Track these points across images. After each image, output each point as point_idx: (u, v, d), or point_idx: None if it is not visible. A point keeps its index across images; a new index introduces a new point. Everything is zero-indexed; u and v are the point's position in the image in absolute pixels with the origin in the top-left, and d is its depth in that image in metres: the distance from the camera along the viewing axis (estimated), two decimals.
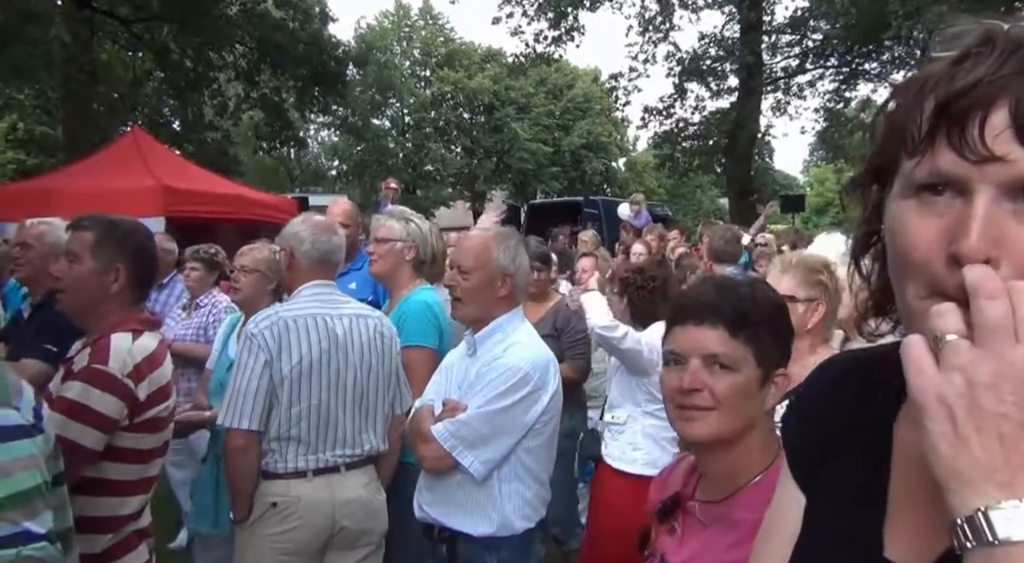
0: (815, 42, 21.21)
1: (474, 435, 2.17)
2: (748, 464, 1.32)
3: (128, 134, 11.10)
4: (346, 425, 2.53)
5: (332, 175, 40.79)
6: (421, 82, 41.26)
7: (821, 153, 31.34)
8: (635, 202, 11.03)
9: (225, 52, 19.48)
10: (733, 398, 1.29)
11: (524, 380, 2.19)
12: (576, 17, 20.89)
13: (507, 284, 2.32)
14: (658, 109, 22.50)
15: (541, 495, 2.31)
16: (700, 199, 50.78)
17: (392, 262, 3.11)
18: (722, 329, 1.31)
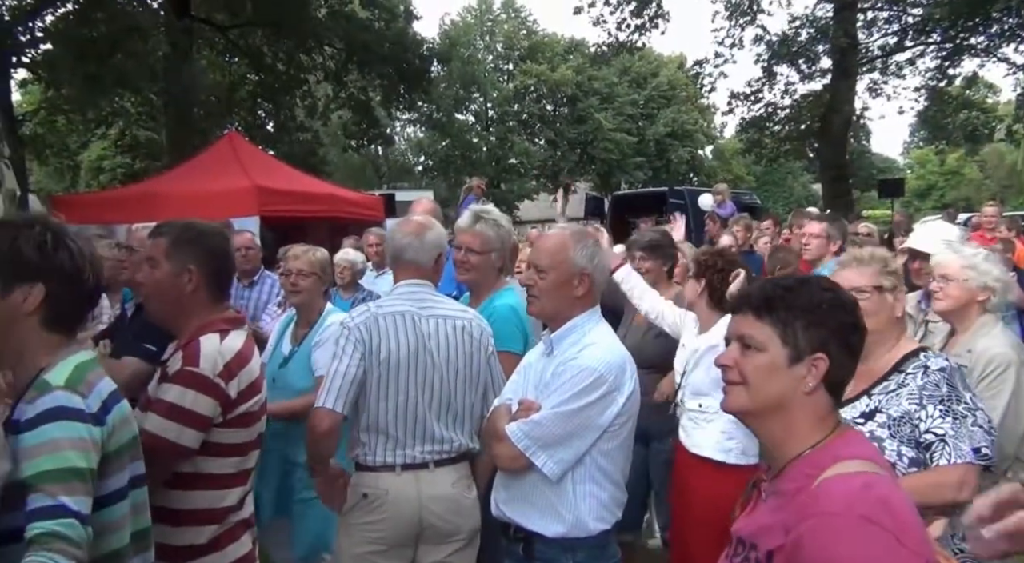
0: (915, 17, 20.14)
1: (548, 435, 2.16)
2: (794, 441, 1.42)
3: (224, 138, 11.58)
4: (433, 423, 2.55)
5: (418, 171, 41.52)
6: (504, 76, 41.48)
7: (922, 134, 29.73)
8: (718, 192, 10.72)
9: (315, 54, 20.08)
10: (758, 374, 1.43)
11: (599, 381, 2.16)
12: (660, 4, 20.51)
13: (584, 283, 2.29)
14: (745, 94, 21.90)
15: (616, 497, 2.28)
16: (791, 186, 49.15)
17: (484, 271, 3.11)
18: (749, 314, 1.47)
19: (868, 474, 1.32)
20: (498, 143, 39.36)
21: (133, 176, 24.47)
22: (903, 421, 2.16)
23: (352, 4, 20.48)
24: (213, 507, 2.19)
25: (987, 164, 48.01)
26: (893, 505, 1.26)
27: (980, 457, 2.09)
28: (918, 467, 2.12)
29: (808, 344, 1.41)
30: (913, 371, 2.22)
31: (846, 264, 2.48)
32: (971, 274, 2.82)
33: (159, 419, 2.06)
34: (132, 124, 20.84)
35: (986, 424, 2.16)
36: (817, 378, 1.41)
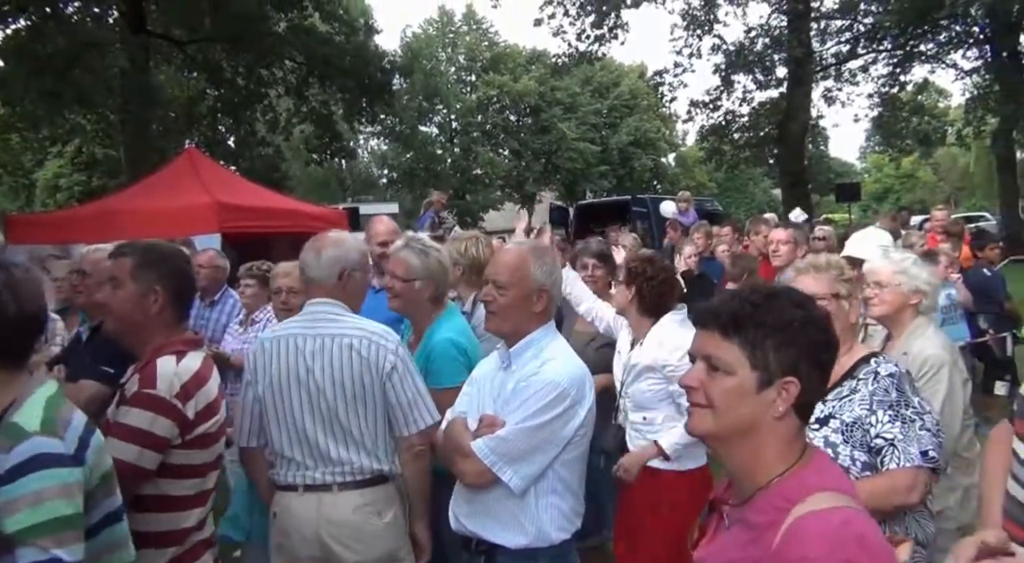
0: (866, 26, 20.68)
1: (514, 451, 2.17)
2: (762, 467, 1.35)
3: (183, 154, 11.43)
4: (328, 445, 2.49)
5: (383, 184, 41.38)
6: (467, 87, 41.58)
7: (877, 139, 30.44)
8: (681, 200, 10.84)
9: (275, 68, 19.97)
10: (725, 399, 1.35)
11: (562, 395, 2.18)
12: (619, 15, 20.81)
13: (543, 299, 2.32)
14: (704, 102, 22.27)
15: (576, 507, 2.31)
16: (753, 192, 49.92)
17: (410, 300, 3.04)
18: (716, 332, 1.37)
19: (843, 509, 1.28)
20: (462, 154, 39.43)
21: (90, 194, 24.06)
22: (855, 426, 2.20)
23: (312, 18, 20.41)
24: (173, 529, 2.19)
25: (940, 167, 49.26)
26: (870, 543, 1.25)
27: (928, 460, 2.15)
28: (870, 471, 2.17)
29: (779, 366, 1.33)
30: (864, 377, 2.27)
31: (803, 271, 2.51)
32: (902, 279, 2.91)
33: (119, 442, 2.06)
34: (89, 141, 20.52)
35: (933, 427, 2.22)
36: (787, 402, 1.34)
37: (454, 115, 40.67)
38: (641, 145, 41.29)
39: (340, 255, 2.66)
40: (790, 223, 6.11)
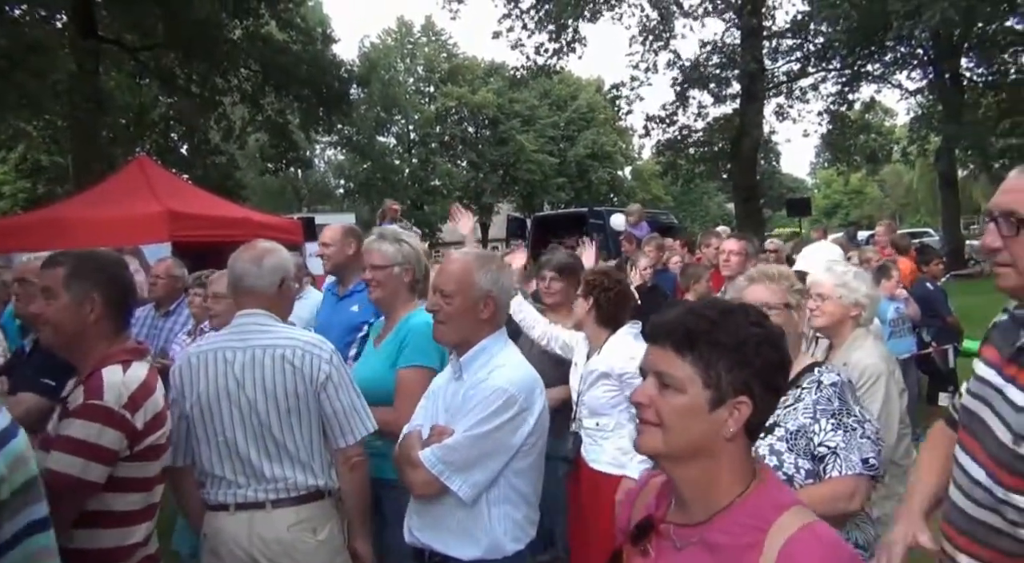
0: (816, 45, 21.25)
1: (462, 459, 2.16)
2: (718, 488, 1.32)
3: (134, 162, 11.21)
4: (261, 462, 2.40)
5: (339, 194, 41.05)
6: (425, 98, 41.58)
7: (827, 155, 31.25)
8: (630, 213, 10.89)
9: (230, 76, 19.71)
10: (676, 418, 1.30)
11: (510, 402, 2.18)
12: (576, 29, 21.04)
13: (490, 306, 2.31)
14: (660, 117, 22.61)
15: (530, 516, 2.31)
16: (707, 205, 50.78)
17: (392, 288, 3.06)
18: (669, 348, 1.33)
19: (821, 525, 1.28)
20: (420, 165, 39.36)
21: (36, 202, 23.38)
22: (799, 434, 2.23)
23: (269, 26, 20.22)
24: (120, 545, 2.13)
25: (887, 184, 50.71)
26: (855, 557, 1.27)
27: (868, 468, 2.19)
28: (813, 479, 2.20)
29: (731, 386, 1.30)
30: (808, 386, 2.30)
31: (757, 280, 2.53)
32: (843, 292, 3.00)
33: (62, 455, 1.99)
34: (35, 147, 19.98)
35: (873, 435, 2.26)
36: (739, 423, 1.30)
37: (412, 126, 40.61)
38: (598, 158, 41.74)
39: (280, 263, 2.60)
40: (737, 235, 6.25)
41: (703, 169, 24.00)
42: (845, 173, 37.54)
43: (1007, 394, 1.58)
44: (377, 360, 3.00)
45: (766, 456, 2.21)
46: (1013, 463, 1.53)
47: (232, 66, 19.28)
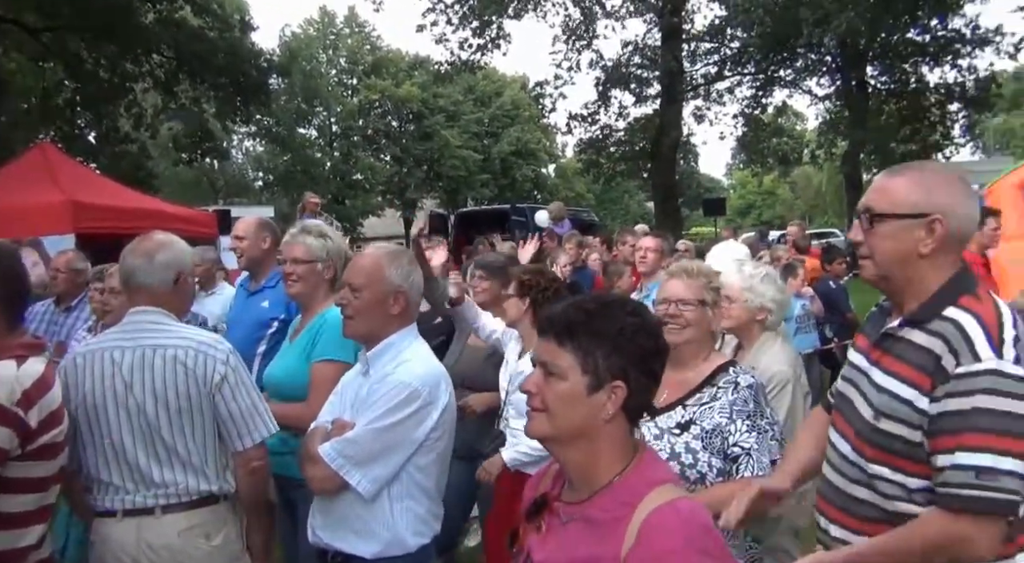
0: (732, 50, 21.91)
1: (362, 453, 2.14)
2: (599, 468, 1.42)
3: (35, 148, 10.67)
4: (150, 466, 2.31)
5: (258, 186, 39.97)
6: (348, 90, 40.91)
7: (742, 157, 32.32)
8: (552, 210, 11.01)
9: (141, 61, 18.93)
10: (558, 402, 1.41)
11: (413, 396, 2.17)
12: (501, 26, 21.09)
13: (400, 301, 2.30)
14: (583, 116, 22.88)
15: (433, 510, 2.31)
16: (628, 204, 51.71)
17: (312, 283, 3.00)
18: (552, 340, 1.43)
19: (684, 500, 1.38)
20: (342, 158, 38.71)
21: None
22: (714, 433, 2.28)
23: (183, 11, 19.51)
24: (11, 547, 2.03)
25: (797, 185, 52.75)
26: (713, 529, 1.37)
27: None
28: (724, 477, 2.27)
29: (608, 372, 1.39)
30: (724, 386, 2.36)
31: (676, 274, 2.57)
32: (749, 296, 3.04)
33: None
34: None
35: (780, 438, 2.38)
36: (616, 406, 1.39)
37: (334, 118, 39.91)
38: (522, 155, 41.96)
39: (174, 258, 2.49)
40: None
41: (624, 168, 24.40)
42: (759, 175, 38.96)
43: (872, 376, 1.72)
44: (292, 354, 2.96)
45: (682, 453, 2.28)
46: (873, 437, 1.67)
47: (144, 51, 18.51)
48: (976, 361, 1.54)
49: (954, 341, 1.57)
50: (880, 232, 1.72)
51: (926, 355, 1.60)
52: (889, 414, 1.64)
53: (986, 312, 1.60)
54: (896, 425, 1.63)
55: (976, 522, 1.51)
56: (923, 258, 1.67)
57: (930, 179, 1.70)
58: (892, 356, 1.69)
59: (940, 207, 1.65)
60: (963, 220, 1.67)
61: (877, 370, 1.72)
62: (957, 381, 1.54)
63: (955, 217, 1.66)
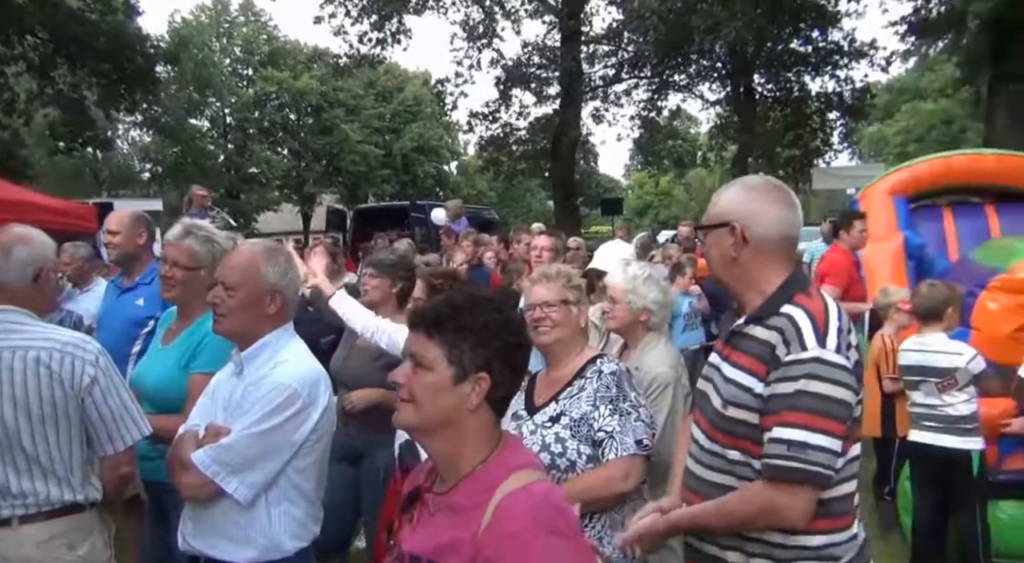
0: (629, 53, 22.42)
1: (239, 459, 2.08)
2: (463, 456, 1.48)
3: None
4: (6, 475, 2.18)
5: (145, 178, 38.02)
6: (243, 81, 39.49)
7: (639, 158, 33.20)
8: (449, 208, 11.03)
9: (13, 43, 17.67)
10: (425, 393, 1.47)
11: (292, 398, 2.12)
12: (401, 20, 20.85)
13: (276, 300, 2.26)
14: (484, 114, 22.92)
15: (313, 513, 2.27)
16: (530, 202, 52.19)
17: (193, 290, 2.83)
18: (421, 332, 1.50)
19: (539, 483, 1.44)
20: (236, 151, 37.34)
21: None
22: (582, 422, 2.37)
23: None
24: None
25: (691, 187, 54.65)
26: (564, 509, 1.42)
27: (642, 448, 2.37)
28: (594, 463, 2.34)
29: (473, 363, 1.47)
30: (590, 376, 2.46)
31: (536, 281, 2.66)
32: (632, 297, 3.11)
33: None
34: None
35: (647, 419, 2.45)
36: (480, 396, 1.46)
37: (228, 109, 38.46)
38: (424, 152, 41.67)
39: (33, 253, 2.36)
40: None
41: (524, 166, 24.59)
42: (655, 176, 40.12)
43: (722, 370, 1.86)
44: (168, 360, 2.80)
45: (552, 443, 2.34)
46: (723, 424, 1.81)
47: (16, 32, 17.30)
48: (803, 350, 1.69)
49: (787, 333, 1.72)
50: (707, 242, 1.94)
51: (765, 347, 1.75)
52: (735, 402, 1.78)
53: (815, 307, 1.76)
54: (740, 411, 1.77)
55: (788, 491, 1.67)
56: (737, 261, 1.85)
57: (736, 192, 1.90)
58: (739, 351, 1.83)
59: (739, 215, 1.83)
60: (767, 225, 1.83)
61: (727, 364, 1.85)
62: (786, 367, 1.70)
63: (757, 223, 1.83)
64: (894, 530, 4.58)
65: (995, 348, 4.45)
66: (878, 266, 6.34)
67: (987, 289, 4.85)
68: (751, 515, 1.73)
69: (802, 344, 1.70)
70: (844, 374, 1.68)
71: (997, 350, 4.42)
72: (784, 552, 1.74)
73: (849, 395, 1.69)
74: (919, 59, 29.27)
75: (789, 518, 1.68)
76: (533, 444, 2.33)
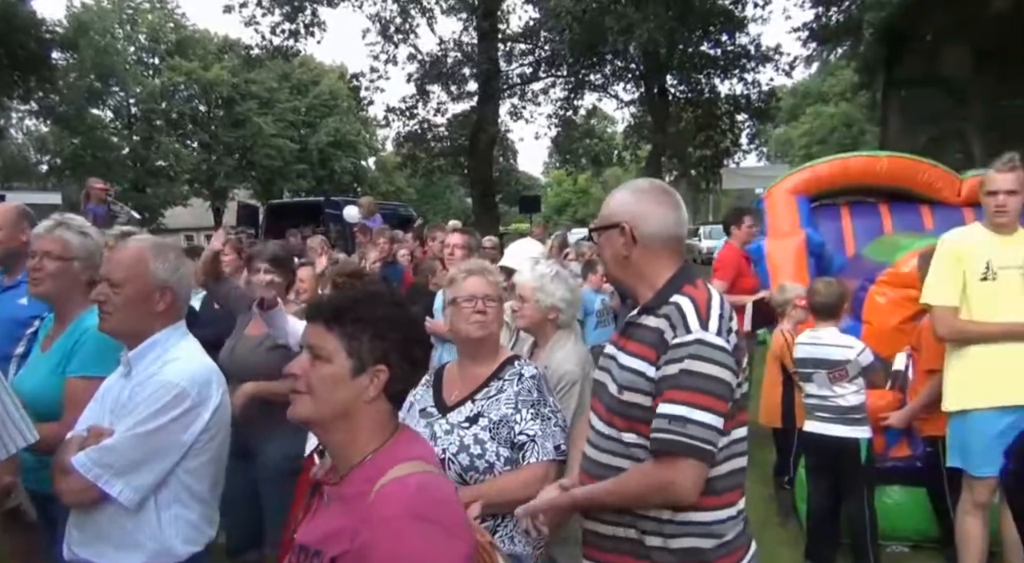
0: (546, 52, 22.61)
1: (123, 460, 2.00)
2: (357, 447, 1.50)
3: None
4: None
5: (42, 170, 36.02)
6: (149, 70, 37.88)
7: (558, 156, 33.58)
8: (362, 205, 10.91)
9: None
10: (323, 385, 1.48)
11: (181, 397, 2.06)
12: (315, 12, 20.43)
13: (166, 297, 2.18)
14: (401, 110, 22.73)
15: (207, 515, 2.20)
16: (450, 199, 52.06)
17: (66, 284, 2.69)
18: (320, 324, 1.51)
19: (421, 474, 1.45)
20: (142, 143, 35.82)
21: None
22: (502, 424, 2.37)
23: None
24: None
25: (609, 185, 55.57)
26: (440, 500, 1.43)
27: (560, 453, 2.41)
28: (512, 465, 2.35)
29: (371, 356, 1.48)
30: (510, 378, 2.46)
31: (475, 273, 2.61)
32: (540, 296, 3.10)
33: None
34: None
35: (563, 424, 2.49)
36: (378, 388, 1.49)
37: (133, 99, 36.83)
38: (341, 147, 40.97)
39: None
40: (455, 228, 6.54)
41: (443, 163, 24.54)
42: (573, 174, 40.63)
43: (618, 359, 1.93)
44: (44, 367, 2.64)
45: (471, 445, 2.33)
46: (619, 408, 1.89)
47: None
48: (687, 332, 1.79)
49: (674, 319, 1.82)
50: (600, 242, 2.03)
51: (655, 334, 1.84)
52: (629, 387, 1.86)
53: (700, 295, 1.86)
54: (635, 395, 1.85)
55: (674, 465, 1.74)
56: (628, 259, 1.94)
57: (625, 195, 2.01)
58: (633, 340, 1.90)
59: (629, 216, 1.93)
60: (654, 225, 1.93)
61: (622, 353, 1.92)
62: (673, 350, 1.79)
63: (645, 223, 1.92)
64: (791, 517, 4.78)
65: (884, 340, 4.71)
66: (781, 262, 6.62)
67: (875, 283, 5.13)
68: (645, 491, 1.80)
69: (686, 327, 1.79)
70: (724, 355, 1.78)
71: (885, 342, 4.68)
72: (674, 528, 1.82)
73: (728, 375, 1.78)
74: (821, 64, 30.59)
75: (678, 493, 1.75)
76: (450, 444, 2.33)
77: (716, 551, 1.83)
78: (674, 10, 17.21)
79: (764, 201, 7.47)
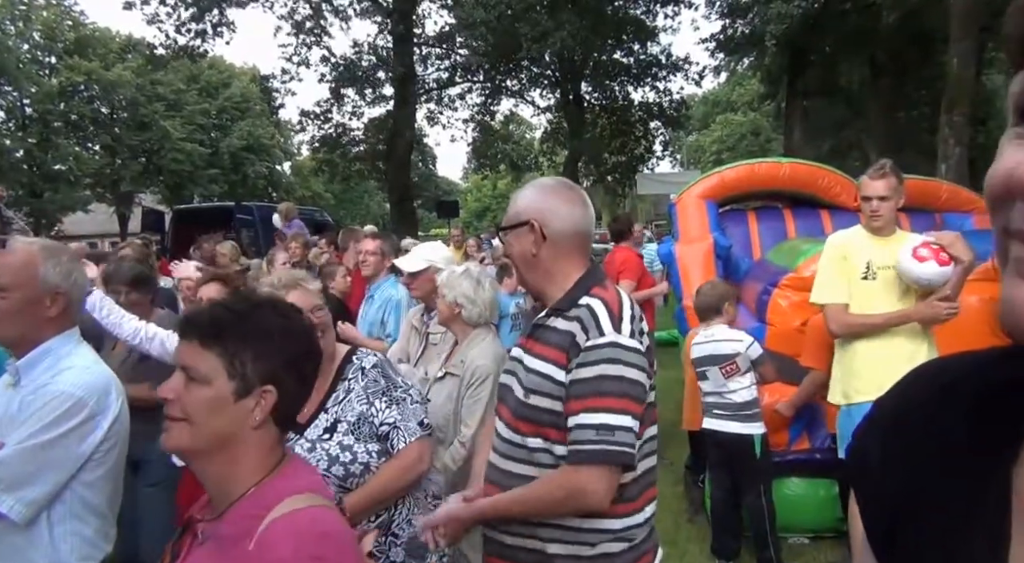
0: (462, 57, 22.65)
1: (12, 475, 1.90)
2: (239, 479, 1.34)
3: None
4: None
5: None
6: (45, 70, 35.98)
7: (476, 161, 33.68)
8: (280, 211, 10.76)
9: None
10: (201, 410, 1.31)
11: (78, 406, 1.98)
12: (223, 12, 19.84)
13: (58, 303, 2.08)
14: (315, 113, 22.33)
15: (103, 530, 2.11)
16: (368, 204, 51.42)
17: None
18: (196, 342, 1.34)
19: (312, 508, 1.30)
20: (38, 146, 33.98)
21: None
22: (361, 422, 2.29)
23: None
24: None
25: None
26: (335, 537, 1.30)
27: (425, 428, 2.38)
28: (385, 457, 2.30)
29: (257, 376, 1.33)
30: (353, 375, 2.36)
31: (291, 287, 2.51)
32: (445, 291, 3.20)
33: None
34: None
35: (420, 399, 2.44)
36: (266, 411, 1.34)
37: (28, 100, 34.92)
38: (255, 151, 39.84)
39: None
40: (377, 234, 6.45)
41: (360, 168, 24.23)
42: (491, 178, 40.80)
43: (524, 362, 1.90)
44: None
45: (339, 454, 2.24)
46: (524, 412, 1.85)
47: None
48: (601, 335, 1.76)
49: (586, 322, 1.80)
50: (508, 241, 1.99)
51: (565, 336, 1.81)
52: (536, 390, 1.82)
53: (611, 297, 1.85)
54: (542, 399, 1.81)
55: (592, 473, 1.72)
56: (537, 257, 1.91)
57: (532, 192, 1.97)
58: (540, 343, 1.88)
59: (537, 213, 1.91)
60: (562, 221, 1.92)
61: (529, 356, 1.89)
62: (586, 353, 1.76)
63: (553, 219, 1.91)
64: (701, 514, 4.91)
65: (787, 341, 4.89)
66: (691, 266, 6.79)
67: (778, 287, 5.32)
68: (558, 500, 1.75)
69: (600, 330, 1.77)
70: (638, 357, 1.78)
71: (788, 343, 4.86)
72: (584, 536, 1.79)
73: (643, 377, 1.78)
74: (729, 74, 31.74)
75: (593, 502, 1.72)
76: (319, 461, 2.23)
77: (625, 555, 1.81)
78: (587, 19, 17.52)
79: (675, 206, 7.66)
